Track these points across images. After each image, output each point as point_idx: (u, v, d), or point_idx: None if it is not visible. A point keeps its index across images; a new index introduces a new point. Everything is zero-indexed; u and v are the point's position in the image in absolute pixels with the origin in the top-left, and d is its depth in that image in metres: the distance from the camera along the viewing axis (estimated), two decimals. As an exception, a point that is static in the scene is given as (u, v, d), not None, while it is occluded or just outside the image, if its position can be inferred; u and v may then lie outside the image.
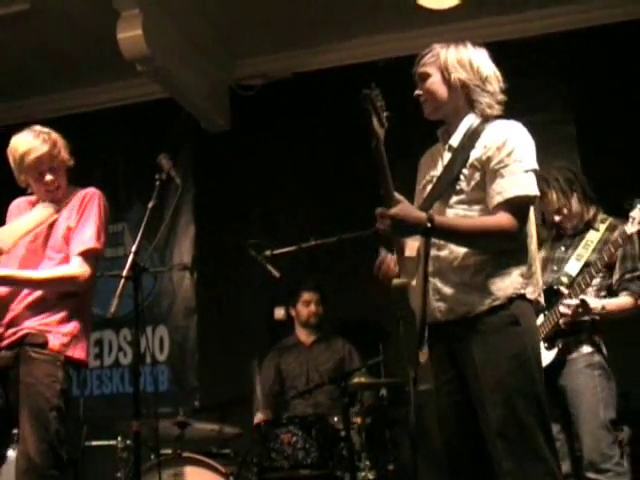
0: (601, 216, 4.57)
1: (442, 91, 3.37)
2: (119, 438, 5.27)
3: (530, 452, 3.07)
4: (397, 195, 3.12)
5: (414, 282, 3.25)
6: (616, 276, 4.44)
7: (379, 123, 3.07)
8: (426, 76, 3.40)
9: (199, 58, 6.83)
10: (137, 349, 4.01)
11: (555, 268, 4.51)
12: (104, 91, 7.50)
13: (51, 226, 3.95)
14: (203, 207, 7.23)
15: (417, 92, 3.43)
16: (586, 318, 4.34)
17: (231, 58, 7.20)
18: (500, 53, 3.52)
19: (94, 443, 5.35)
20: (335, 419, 5.13)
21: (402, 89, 3.43)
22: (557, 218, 4.55)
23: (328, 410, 5.49)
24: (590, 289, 4.39)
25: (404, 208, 3.06)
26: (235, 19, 6.57)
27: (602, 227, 4.52)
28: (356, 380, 5.17)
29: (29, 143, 3.95)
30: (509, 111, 3.40)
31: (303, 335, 6.16)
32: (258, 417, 5.56)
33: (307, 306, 6.10)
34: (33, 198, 4.12)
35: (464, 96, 3.38)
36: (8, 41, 6.62)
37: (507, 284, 3.21)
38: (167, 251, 7.22)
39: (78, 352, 3.88)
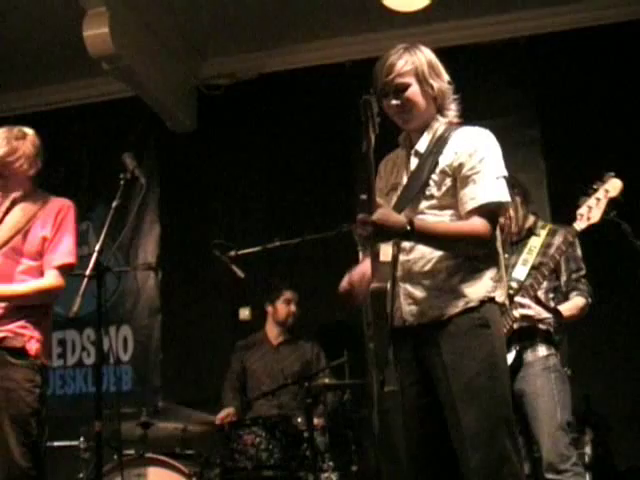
0: (541, 223, 4.69)
1: (422, 101, 3.33)
2: (81, 438, 5.24)
3: (496, 453, 3.08)
4: (379, 200, 3.10)
5: (388, 286, 3.25)
6: (563, 278, 4.54)
7: (372, 129, 3.06)
8: (405, 86, 3.32)
9: (165, 57, 6.82)
10: (100, 349, 3.99)
11: None
12: (69, 89, 7.46)
13: (25, 233, 3.93)
14: (168, 207, 7.21)
15: (395, 102, 3.33)
16: (543, 325, 4.41)
17: (198, 58, 7.19)
18: (465, 56, 3.54)
19: (56, 443, 5.30)
20: (299, 420, 5.13)
21: (367, 91, 3.42)
22: (502, 220, 4.59)
23: (292, 411, 5.49)
24: (540, 292, 4.44)
25: (384, 212, 3.05)
26: (202, 19, 6.57)
27: (543, 232, 4.62)
28: (320, 382, 5.18)
29: None
30: (473, 115, 3.41)
31: (273, 334, 6.11)
32: (221, 414, 5.56)
33: (288, 304, 6.06)
34: None
35: (436, 104, 3.38)
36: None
37: (479, 287, 3.22)
38: (131, 250, 7.18)
39: (47, 357, 3.92)
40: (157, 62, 6.68)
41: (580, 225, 4.33)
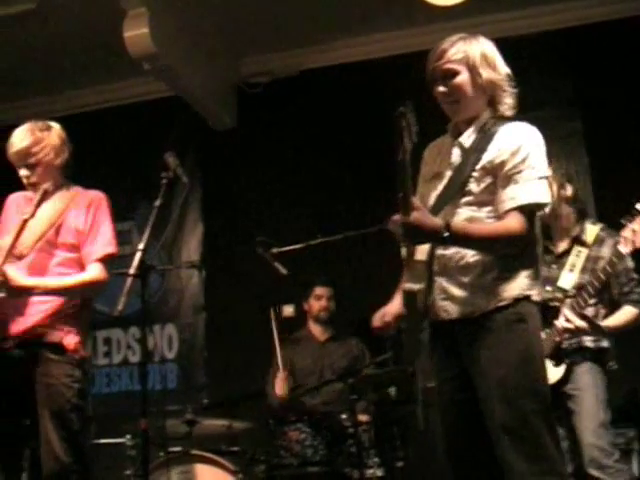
0: (588, 226, 4.61)
1: (470, 90, 3.30)
2: (128, 436, 5.28)
3: (535, 449, 3.06)
4: (416, 202, 3.08)
5: (423, 285, 3.24)
6: (615, 290, 4.50)
7: (409, 138, 3.04)
8: (454, 73, 3.29)
9: (205, 56, 6.84)
10: (145, 347, 4.02)
11: (548, 288, 4.49)
12: (111, 90, 7.52)
13: (58, 226, 3.95)
14: (210, 205, 7.23)
15: (442, 89, 3.32)
16: (589, 344, 4.39)
17: (237, 56, 7.20)
18: (506, 49, 3.49)
19: (102, 441, 5.36)
20: (343, 416, 5.13)
21: (408, 86, 3.41)
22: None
23: (337, 407, 5.49)
24: (589, 308, 4.41)
25: (421, 217, 3.02)
26: (241, 17, 6.57)
27: (590, 238, 4.56)
28: (364, 377, 5.17)
29: (14, 137, 3.99)
30: (519, 106, 3.39)
31: (316, 331, 6.14)
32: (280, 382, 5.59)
33: (318, 300, 6.09)
34: (30, 194, 4.10)
35: (487, 96, 3.35)
36: (14, 40, 6.65)
37: (513, 286, 3.20)
38: (175, 249, 7.22)
39: (85, 351, 3.92)
40: (197, 61, 6.70)
41: (625, 249, 4.27)
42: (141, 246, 3.88)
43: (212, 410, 5.87)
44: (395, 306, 3.38)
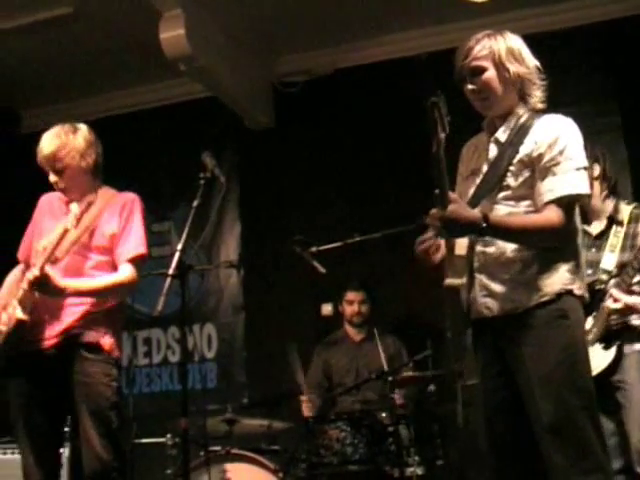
0: (622, 206, 4.54)
1: (499, 86, 3.29)
2: (168, 435, 5.31)
3: (580, 446, 3.04)
4: (452, 195, 3.08)
5: (464, 280, 3.23)
6: None
7: (442, 129, 3.04)
8: (481, 70, 3.29)
9: (241, 56, 6.85)
10: (185, 347, 4.04)
11: (590, 271, 4.45)
12: (147, 92, 7.56)
13: (92, 230, 3.97)
14: (248, 204, 7.25)
15: (470, 87, 3.32)
16: (636, 322, 4.33)
17: (273, 55, 7.21)
18: (543, 44, 3.48)
19: (143, 441, 5.38)
20: (383, 414, 5.13)
21: (444, 82, 3.39)
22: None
23: (376, 406, 5.48)
24: (635, 286, 4.36)
25: (457, 209, 3.02)
26: (276, 16, 6.57)
27: (625, 217, 4.48)
28: (403, 374, 5.16)
29: (42, 142, 4.02)
30: (554, 102, 3.37)
31: (352, 331, 6.16)
32: (305, 404, 5.57)
33: (350, 305, 6.11)
34: (64, 195, 4.12)
35: (517, 90, 3.34)
36: (52, 44, 6.72)
37: (555, 280, 3.17)
38: (213, 249, 7.24)
39: (119, 351, 3.96)
40: (233, 61, 6.72)
41: None
42: (179, 246, 3.90)
43: (252, 409, 5.89)
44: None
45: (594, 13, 6.49)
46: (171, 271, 3.82)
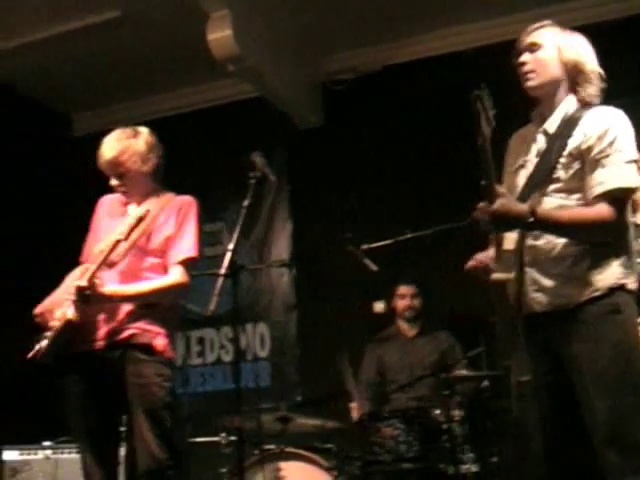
0: None
1: (554, 66, 3.30)
2: (222, 434, 5.33)
3: (634, 445, 3.00)
4: (499, 189, 3.07)
5: (512, 275, 3.21)
6: None
7: (487, 122, 3.03)
8: (537, 47, 3.32)
9: (289, 55, 6.87)
10: (238, 346, 4.06)
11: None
12: (196, 93, 7.61)
13: (149, 233, 4.01)
14: (299, 203, 7.26)
15: (524, 59, 3.33)
16: None
17: (321, 54, 7.21)
18: (593, 36, 3.44)
19: (198, 439, 5.42)
20: (437, 412, 5.09)
21: (491, 77, 3.37)
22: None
23: (430, 403, 5.46)
24: None
25: (505, 203, 3.01)
26: (323, 14, 6.58)
27: None
28: (457, 372, 5.13)
29: (103, 146, 4.06)
30: (606, 93, 3.33)
31: (404, 327, 6.15)
32: (355, 410, 5.56)
33: (402, 299, 6.09)
34: (122, 197, 4.17)
35: (570, 79, 3.32)
36: (100, 48, 6.80)
37: (607, 275, 3.14)
38: (265, 248, 7.26)
39: (172, 352, 3.99)
40: (281, 60, 6.73)
41: None
42: (231, 246, 3.93)
43: (305, 407, 5.90)
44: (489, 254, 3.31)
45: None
46: (223, 271, 3.85)
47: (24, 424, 6.20)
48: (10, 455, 5.65)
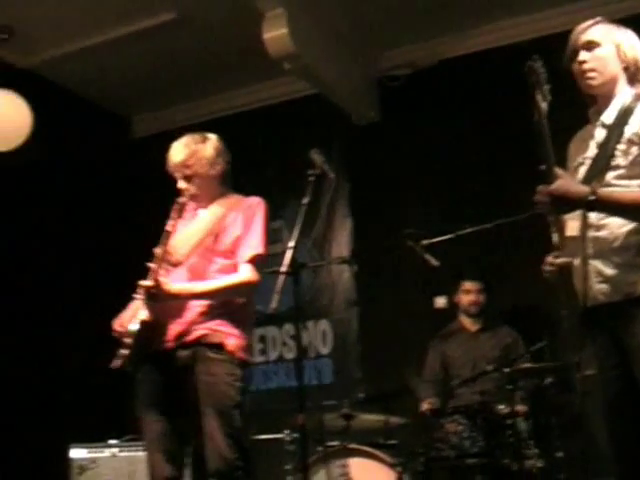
0: None
1: (613, 63, 3.28)
2: (286, 431, 5.36)
3: None
4: (558, 170, 3.04)
5: (576, 262, 3.18)
6: None
7: (542, 96, 3.00)
8: (594, 44, 3.29)
9: (344, 52, 6.86)
10: (300, 343, 4.06)
11: None
12: (253, 92, 7.64)
13: (217, 234, 4.05)
14: (358, 200, 7.25)
15: (583, 57, 3.30)
16: None
17: (376, 49, 7.19)
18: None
19: (261, 437, 5.45)
20: (500, 407, 5.07)
21: (549, 68, 3.34)
22: None
23: (493, 398, 5.43)
24: None
25: (564, 183, 2.99)
26: (377, 10, 6.55)
27: None
28: (520, 367, 5.09)
29: (172, 150, 4.14)
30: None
31: (467, 322, 6.12)
32: (424, 407, 5.55)
33: (467, 295, 6.06)
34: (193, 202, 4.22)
35: (629, 75, 3.29)
36: (157, 50, 6.87)
37: None
38: (325, 245, 7.26)
39: (246, 353, 4.00)
40: (336, 57, 6.73)
41: None
42: (291, 244, 3.94)
43: (368, 404, 5.90)
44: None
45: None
46: (284, 269, 3.86)
47: (91, 422, 6.30)
48: (78, 453, 5.75)
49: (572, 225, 3.15)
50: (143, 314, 3.88)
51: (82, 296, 6.97)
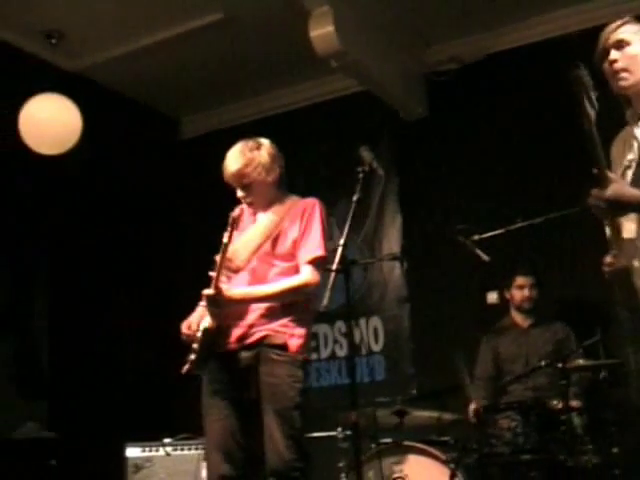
0: None
1: None
2: (339, 429, 5.36)
3: None
4: (611, 174, 3.01)
5: (636, 263, 3.15)
6: None
7: (590, 104, 2.97)
8: (625, 43, 3.25)
9: (391, 48, 6.84)
10: (352, 341, 4.07)
11: None
12: (301, 90, 7.65)
13: (275, 238, 4.08)
14: (408, 196, 7.23)
15: (614, 56, 3.25)
16: None
17: (423, 45, 7.17)
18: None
19: (315, 434, 5.45)
20: (554, 402, 5.03)
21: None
22: None
23: (547, 393, 5.39)
24: None
25: (617, 188, 2.96)
26: (423, 5, 6.53)
27: None
28: (574, 362, 5.05)
29: (228, 159, 4.17)
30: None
31: (519, 318, 6.08)
32: (473, 407, 5.52)
33: (521, 290, 6.01)
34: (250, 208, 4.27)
35: None
36: (204, 51, 6.91)
37: None
38: (375, 242, 7.25)
39: (308, 352, 4.05)
40: (383, 54, 6.72)
41: None
42: (342, 241, 3.94)
43: (421, 401, 5.89)
44: None
45: None
46: (335, 266, 3.86)
47: (146, 422, 6.36)
48: (133, 452, 5.82)
49: (629, 227, 3.12)
50: (207, 321, 3.94)
51: (137, 298, 7.04)
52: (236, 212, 4.05)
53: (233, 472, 3.93)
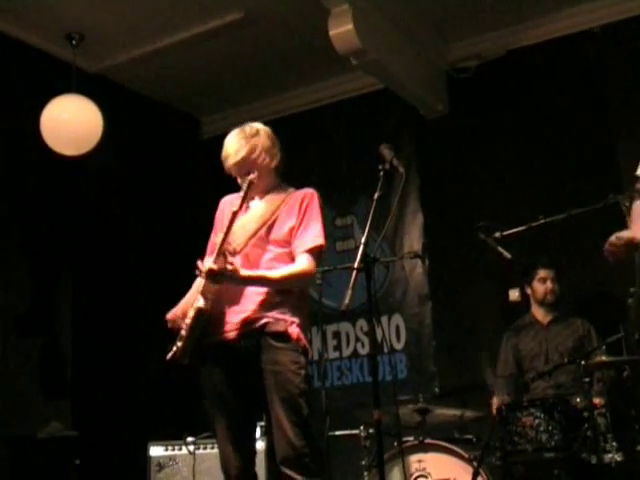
0: None
1: None
2: (361, 427, 5.37)
3: None
4: None
5: None
6: None
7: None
8: None
9: (411, 45, 6.83)
10: (374, 339, 4.07)
11: None
12: (321, 88, 7.65)
13: (271, 224, 4.06)
14: (429, 193, 7.22)
15: None
16: None
17: (443, 42, 7.16)
18: None
19: (337, 433, 5.46)
20: (577, 400, 5.01)
21: (622, 54, 3.29)
22: None
23: (569, 390, 5.37)
24: None
25: None
26: (444, 1, 6.53)
27: None
28: (596, 359, 5.02)
29: (228, 148, 4.13)
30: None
31: (539, 314, 6.05)
32: (495, 404, 5.51)
33: (543, 283, 5.98)
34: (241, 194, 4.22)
35: None
36: (225, 50, 6.94)
37: None
38: (397, 240, 7.25)
39: (306, 340, 4.01)
40: (403, 51, 6.71)
41: None
42: (363, 239, 3.93)
43: (443, 398, 5.88)
44: None
45: None
46: (356, 265, 3.86)
47: (169, 420, 6.38)
48: (156, 451, 5.84)
49: None
50: (200, 302, 3.89)
51: (161, 297, 7.05)
52: (252, 176, 3.99)
53: (246, 462, 3.94)
